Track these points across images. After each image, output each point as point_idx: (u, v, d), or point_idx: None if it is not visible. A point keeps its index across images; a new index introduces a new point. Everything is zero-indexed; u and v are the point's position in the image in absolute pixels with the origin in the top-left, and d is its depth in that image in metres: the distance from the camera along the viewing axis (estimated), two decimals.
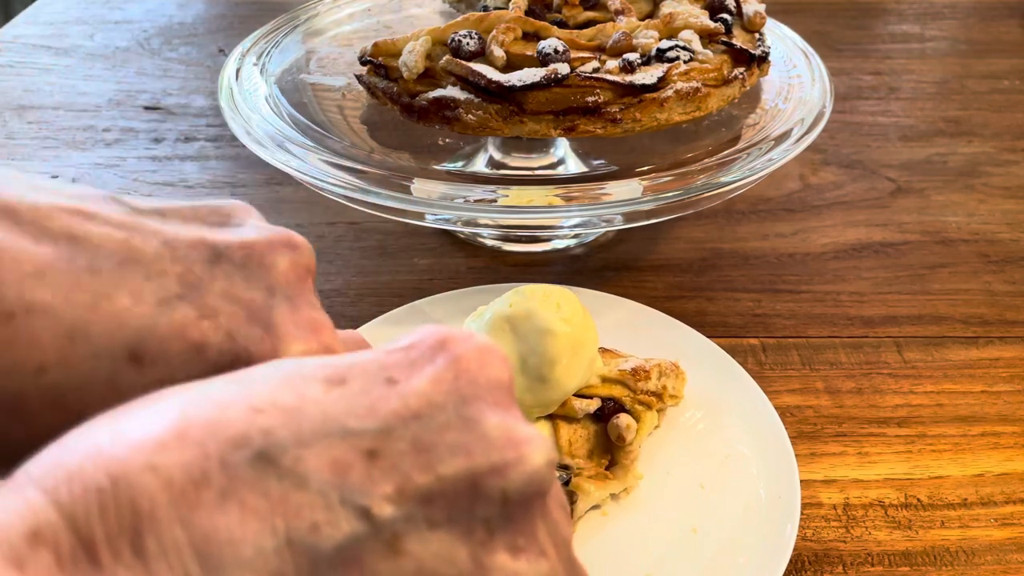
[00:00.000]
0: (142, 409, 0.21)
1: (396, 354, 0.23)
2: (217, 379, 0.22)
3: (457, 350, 0.23)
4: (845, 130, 0.82)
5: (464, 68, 0.53)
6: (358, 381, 0.22)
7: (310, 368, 0.22)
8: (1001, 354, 0.57)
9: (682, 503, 0.45)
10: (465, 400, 0.22)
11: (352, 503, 0.20)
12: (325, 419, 0.21)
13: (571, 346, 0.43)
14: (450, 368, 0.22)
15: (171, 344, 0.24)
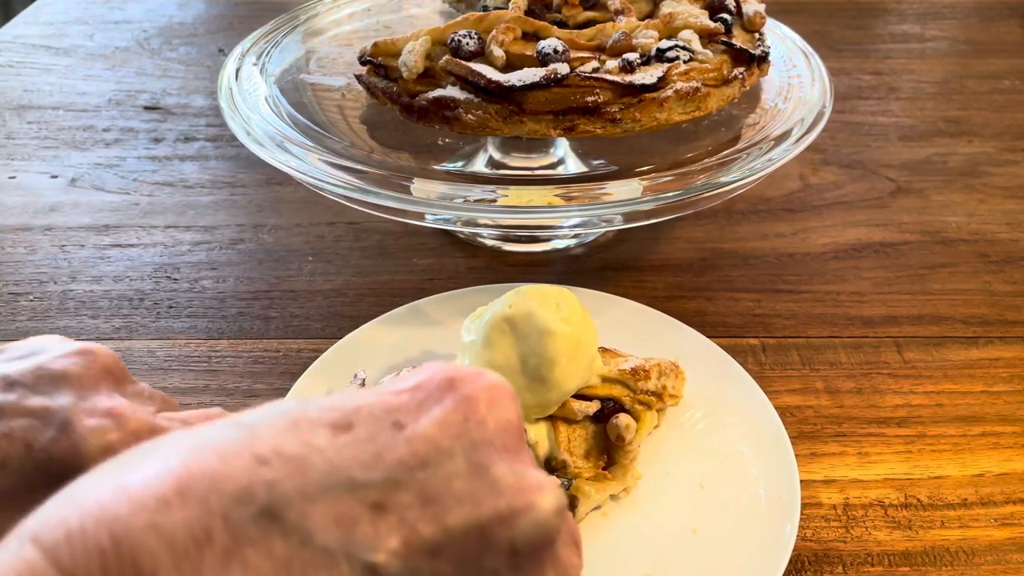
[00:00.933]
0: (145, 459, 0.20)
1: (403, 395, 0.23)
2: (222, 423, 0.22)
3: (466, 389, 0.23)
4: (845, 130, 0.82)
5: (464, 68, 0.53)
6: (364, 426, 0.22)
7: (316, 412, 0.22)
8: (1001, 354, 0.57)
9: (682, 503, 0.45)
10: (474, 445, 0.22)
11: (358, 559, 0.20)
12: (331, 470, 0.20)
13: (571, 346, 0.43)
14: (459, 409, 0.22)
15: None
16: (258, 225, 0.69)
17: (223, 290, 0.62)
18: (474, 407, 0.22)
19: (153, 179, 0.75)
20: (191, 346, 0.57)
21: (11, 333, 0.58)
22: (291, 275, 0.63)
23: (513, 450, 0.23)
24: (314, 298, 0.61)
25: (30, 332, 0.58)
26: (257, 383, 0.54)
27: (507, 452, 0.22)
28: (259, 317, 0.60)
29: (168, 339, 0.58)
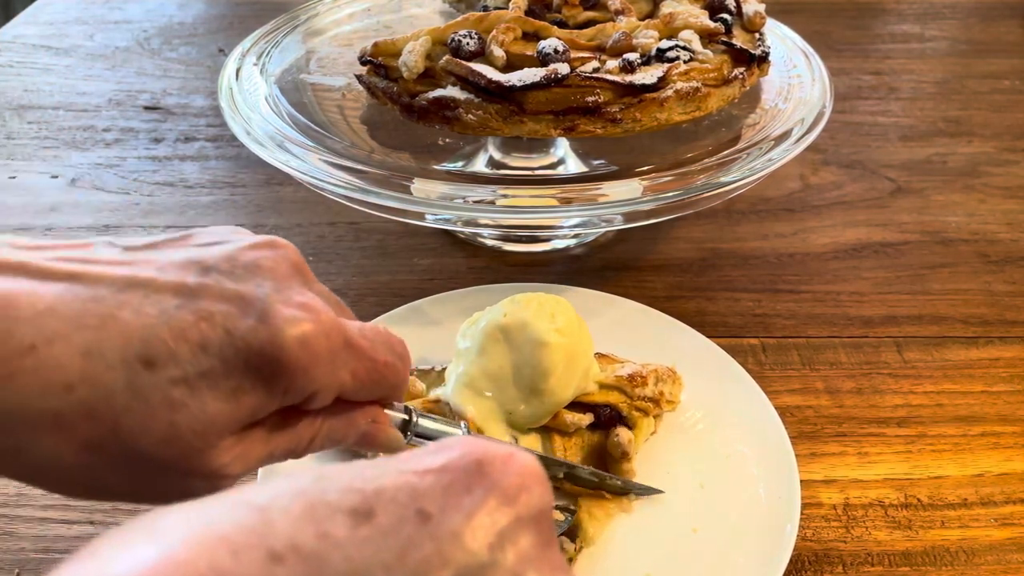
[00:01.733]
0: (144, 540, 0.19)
1: (428, 477, 0.22)
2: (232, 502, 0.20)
3: (496, 477, 0.22)
4: (845, 130, 0.82)
5: (464, 68, 0.53)
6: (387, 514, 0.20)
7: (335, 494, 0.21)
8: (1001, 354, 0.57)
9: (682, 503, 0.45)
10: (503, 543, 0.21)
11: None
12: (350, 570, 0.19)
13: (565, 357, 0.43)
14: (488, 503, 0.21)
15: (177, 346, 0.26)
16: (258, 225, 0.69)
17: None
18: (505, 500, 0.21)
19: (153, 179, 0.75)
20: None
21: None
22: None
23: (542, 543, 0.22)
24: None
25: None
26: None
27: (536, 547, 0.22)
28: None
29: None
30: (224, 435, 0.27)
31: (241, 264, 0.29)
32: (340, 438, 0.32)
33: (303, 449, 0.31)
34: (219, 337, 0.26)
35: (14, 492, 0.47)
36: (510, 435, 0.43)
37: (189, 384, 0.26)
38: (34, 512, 0.46)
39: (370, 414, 0.33)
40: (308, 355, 0.27)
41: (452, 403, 0.44)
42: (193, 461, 0.27)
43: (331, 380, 0.29)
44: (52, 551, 0.44)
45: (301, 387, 0.28)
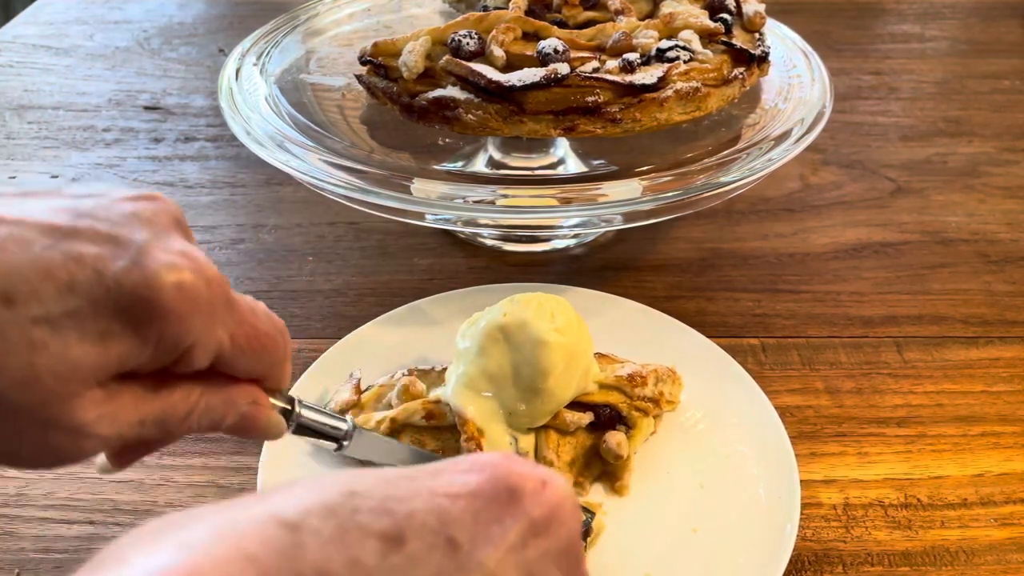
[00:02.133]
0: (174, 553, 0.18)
1: (460, 502, 0.21)
2: (262, 509, 0.20)
3: (528, 507, 0.21)
4: (845, 130, 0.82)
5: (464, 68, 0.53)
6: (418, 539, 0.20)
7: (367, 516, 0.20)
8: (1001, 354, 0.57)
9: (682, 503, 0.45)
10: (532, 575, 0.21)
11: None
12: None
13: (565, 357, 0.43)
14: (520, 535, 0.21)
15: (40, 285, 0.24)
16: (258, 225, 0.69)
17: None
18: (534, 531, 0.21)
19: (153, 179, 0.75)
20: None
21: None
22: (291, 275, 0.64)
23: (571, 571, 0.22)
24: (314, 298, 0.61)
25: None
26: None
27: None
28: None
29: None
30: (89, 384, 0.26)
31: (117, 212, 0.27)
32: (218, 417, 0.31)
33: (178, 422, 0.29)
34: (88, 278, 0.25)
35: (14, 492, 0.47)
36: (510, 435, 0.43)
37: (52, 324, 0.24)
38: (34, 512, 0.46)
39: (250, 394, 0.32)
40: (185, 302, 0.26)
41: (452, 403, 0.44)
42: (53, 410, 0.25)
43: (208, 336, 0.28)
44: (52, 551, 0.44)
45: (175, 337, 0.27)
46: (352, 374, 0.49)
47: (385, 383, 0.48)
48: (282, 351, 0.31)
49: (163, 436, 0.29)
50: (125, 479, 0.48)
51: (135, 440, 0.28)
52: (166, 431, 0.29)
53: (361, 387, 0.48)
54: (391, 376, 0.49)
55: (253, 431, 0.32)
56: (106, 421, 0.27)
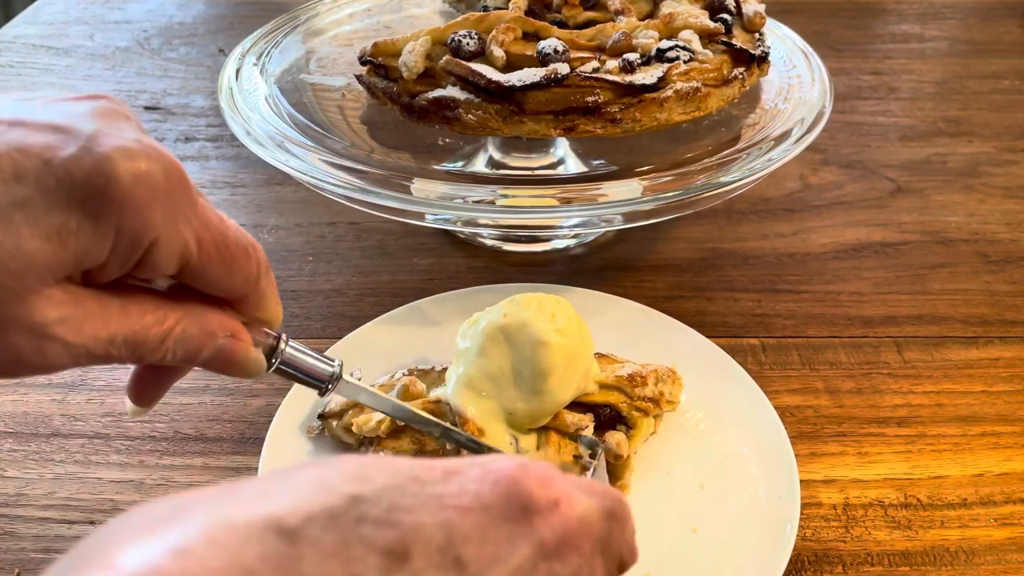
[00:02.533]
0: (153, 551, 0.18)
1: (470, 517, 0.20)
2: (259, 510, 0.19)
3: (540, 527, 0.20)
4: (845, 130, 0.82)
5: (464, 68, 0.53)
6: (422, 558, 0.19)
7: (371, 527, 0.19)
8: (1001, 354, 0.57)
9: (682, 503, 0.45)
10: None
11: None
12: None
13: (565, 358, 0.43)
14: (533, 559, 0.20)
15: None
16: (258, 225, 0.69)
17: None
18: (545, 555, 0.20)
19: None
20: None
21: None
22: (291, 275, 0.64)
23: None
24: (314, 298, 0.61)
25: None
26: (257, 383, 0.54)
27: None
28: None
29: None
30: (47, 281, 0.25)
31: (63, 107, 0.26)
32: (194, 348, 0.29)
33: (152, 347, 0.28)
34: (36, 167, 0.24)
35: (14, 492, 0.47)
36: (510, 435, 0.43)
37: (1, 217, 0.23)
38: (34, 512, 0.46)
39: (228, 325, 0.30)
40: (143, 191, 0.25)
41: (452, 403, 0.44)
42: (11, 307, 0.24)
43: (171, 231, 0.26)
44: (52, 551, 0.44)
45: (135, 229, 0.25)
46: (352, 374, 0.49)
47: (385, 383, 0.48)
48: (255, 268, 0.30)
49: (137, 359, 0.28)
50: (125, 479, 0.48)
51: (107, 359, 0.27)
52: (139, 355, 0.28)
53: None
54: (391, 376, 0.49)
55: (230, 367, 0.31)
56: (71, 326, 0.25)
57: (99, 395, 0.53)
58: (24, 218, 0.24)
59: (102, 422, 0.51)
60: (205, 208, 0.28)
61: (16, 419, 0.52)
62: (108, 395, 0.53)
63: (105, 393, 0.53)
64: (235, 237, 0.29)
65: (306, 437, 0.47)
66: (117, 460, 0.49)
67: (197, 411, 0.52)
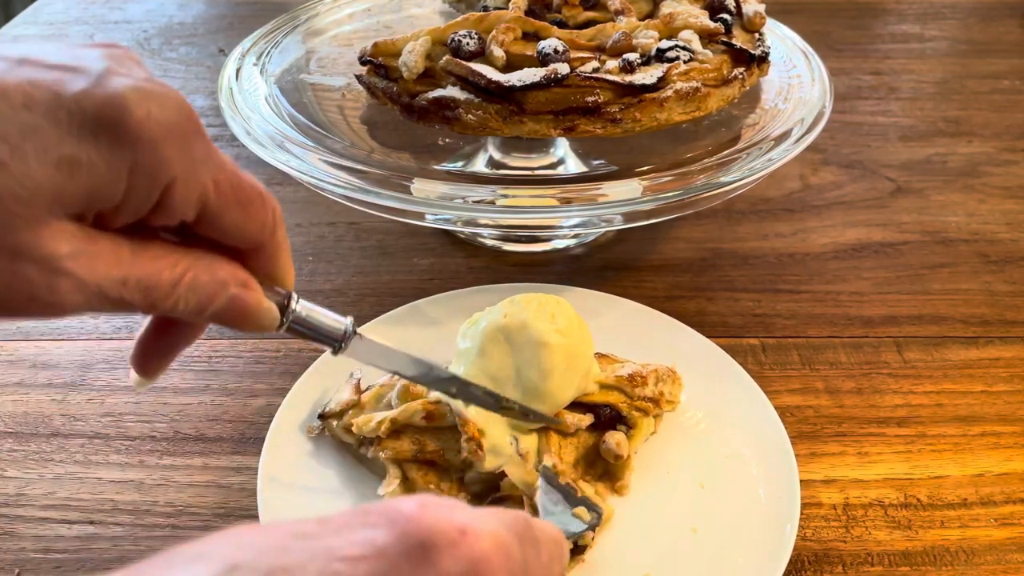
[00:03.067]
0: None
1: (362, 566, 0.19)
2: None
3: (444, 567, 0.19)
4: (845, 130, 0.82)
5: (464, 68, 0.53)
6: None
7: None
8: (1001, 354, 0.57)
9: (682, 503, 0.45)
10: None
11: None
12: None
13: (566, 358, 0.43)
14: None
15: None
16: None
17: None
18: None
19: None
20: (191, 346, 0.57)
21: (12, 332, 0.58)
22: None
23: None
24: (314, 298, 0.60)
25: (30, 332, 0.58)
26: (257, 383, 0.54)
27: None
28: None
29: None
30: (57, 213, 0.24)
31: (72, 50, 0.26)
32: (206, 297, 0.29)
33: (163, 292, 0.27)
34: (46, 98, 0.24)
35: (14, 492, 0.47)
36: (510, 435, 0.43)
37: (10, 144, 0.23)
38: (34, 512, 0.46)
39: (239, 275, 0.30)
40: (157, 126, 0.25)
41: (453, 404, 0.44)
42: (21, 235, 0.24)
43: (190, 172, 0.26)
44: (52, 551, 0.44)
45: (151, 166, 0.25)
46: (352, 374, 0.49)
47: (385, 383, 0.48)
48: (270, 213, 0.30)
49: (150, 306, 0.28)
50: (125, 479, 0.48)
51: (120, 303, 0.27)
52: (151, 300, 0.27)
53: (361, 387, 0.48)
54: (391, 376, 0.49)
55: (244, 318, 0.30)
56: (82, 262, 0.25)
57: (99, 395, 0.53)
58: (33, 147, 0.23)
59: (102, 422, 0.51)
60: (218, 151, 0.28)
61: (16, 419, 0.52)
62: (108, 395, 0.53)
63: (105, 393, 0.53)
64: (250, 182, 0.29)
65: (306, 437, 0.47)
66: (117, 460, 0.49)
67: (197, 411, 0.52)
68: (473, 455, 0.42)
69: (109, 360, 0.56)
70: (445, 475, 0.44)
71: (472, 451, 0.42)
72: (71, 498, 0.47)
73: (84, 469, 0.48)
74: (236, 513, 0.46)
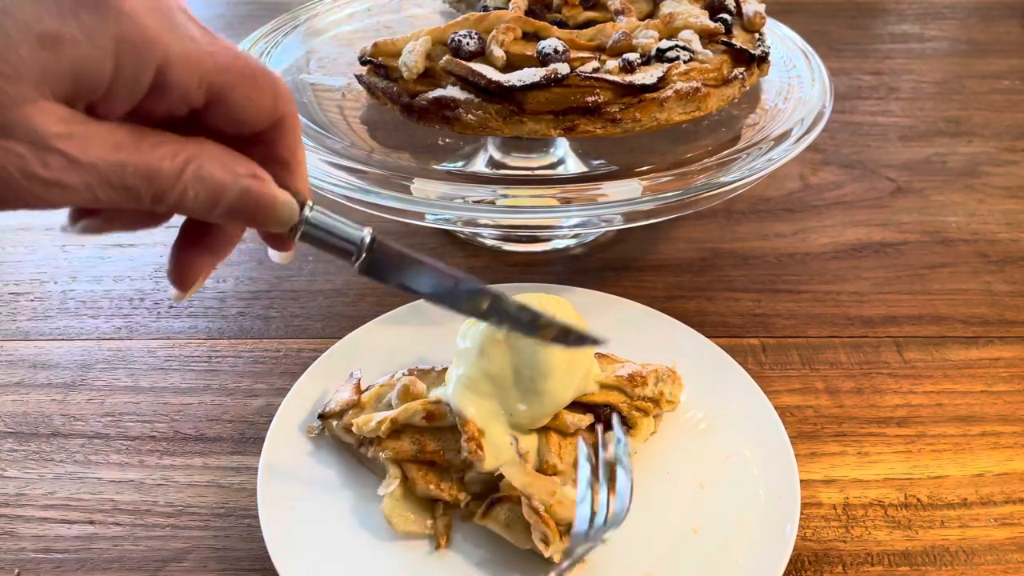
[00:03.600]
0: None
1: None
2: None
3: None
4: (845, 130, 0.82)
5: (464, 68, 0.53)
6: None
7: None
8: (1001, 354, 0.57)
9: (682, 503, 0.45)
10: None
11: None
12: None
13: (566, 358, 0.43)
14: None
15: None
16: None
17: (223, 290, 0.62)
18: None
19: None
20: (191, 346, 0.57)
21: (11, 332, 0.58)
22: (291, 275, 0.64)
23: None
24: (314, 298, 0.61)
25: (30, 332, 0.58)
26: (257, 383, 0.54)
27: None
28: (259, 317, 0.60)
29: (168, 339, 0.58)
30: (44, 93, 0.24)
31: None
32: (216, 188, 0.28)
33: (167, 181, 0.26)
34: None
35: (14, 492, 0.47)
36: (510, 435, 0.43)
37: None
38: (34, 512, 0.46)
39: (250, 166, 0.28)
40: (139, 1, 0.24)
41: (453, 404, 0.44)
42: (8, 113, 0.23)
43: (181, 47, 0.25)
44: (52, 551, 0.44)
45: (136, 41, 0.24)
46: (352, 374, 0.49)
47: (385, 383, 0.48)
48: (280, 84, 0.28)
49: (156, 197, 0.27)
50: (125, 479, 0.48)
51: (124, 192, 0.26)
52: (156, 190, 0.26)
53: (361, 387, 0.48)
54: (391, 376, 0.49)
55: (259, 212, 0.29)
56: (76, 142, 0.25)
57: (99, 395, 0.53)
58: (14, 23, 0.23)
59: (102, 422, 0.51)
60: (208, 30, 0.27)
61: (16, 419, 0.52)
62: (108, 395, 0.53)
63: (105, 393, 0.53)
64: (247, 54, 0.27)
65: (306, 437, 0.47)
66: (117, 460, 0.49)
67: (197, 411, 0.52)
68: (473, 455, 0.42)
69: (109, 360, 0.56)
70: (445, 475, 0.44)
71: (472, 451, 0.42)
72: (71, 498, 0.47)
73: (84, 469, 0.48)
74: (236, 513, 0.46)
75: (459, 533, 0.44)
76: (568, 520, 0.41)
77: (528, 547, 0.41)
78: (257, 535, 0.42)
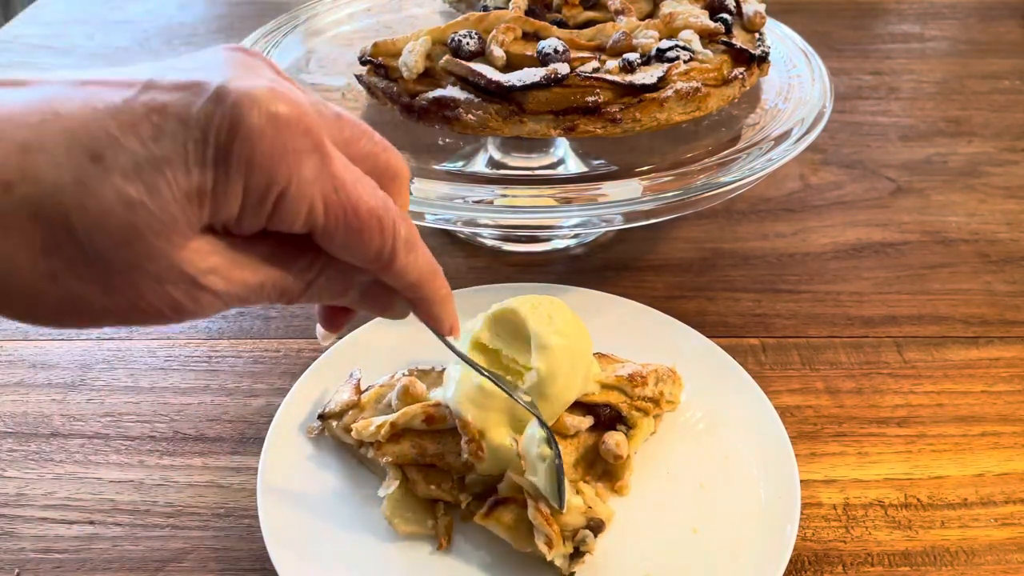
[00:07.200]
0: None
1: None
2: None
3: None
4: (845, 130, 0.82)
5: (464, 68, 0.53)
6: None
7: None
8: (1001, 354, 0.57)
9: (682, 503, 0.45)
10: None
11: None
12: None
13: (567, 358, 0.43)
14: None
15: (125, 139, 0.25)
16: None
17: None
18: None
19: None
20: (191, 346, 0.57)
21: (11, 332, 0.58)
22: None
23: None
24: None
25: (30, 332, 0.58)
26: (257, 383, 0.54)
27: None
28: (259, 317, 0.60)
29: (168, 339, 0.58)
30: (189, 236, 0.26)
31: (202, 57, 0.27)
32: (337, 291, 0.31)
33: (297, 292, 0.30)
34: (172, 128, 0.25)
35: (14, 492, 0.47)
36: (511, 437, 0.43)
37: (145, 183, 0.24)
38: (34, 512, 0.46)
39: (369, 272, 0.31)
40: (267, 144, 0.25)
41: (453, 406, 0.44)
42: (164, 262, 0.26)
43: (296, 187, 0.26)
44: (52, 551, 0.44)
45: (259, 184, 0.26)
46: (352, 374, 0.49)
47: (385, 383, 0.48)
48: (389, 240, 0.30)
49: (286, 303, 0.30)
50: (125, 479, 0.48)
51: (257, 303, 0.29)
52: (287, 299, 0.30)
53: (361, 387, 0.48)
54: (391, 376, 0.49)
55: (377, 307, 0.34)
56: (220, 275, 0.27)
57: (99, 395, 0.53)
58: (165, 182, 0.25)
59: (102, 422, 0.51)
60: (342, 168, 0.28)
61: (16, 419, 0.52)
62: (108, 395, 0.53)
63: (105, 393, 0.53)
64: (369, 205, 0.29)
65: (306, 437, 0.47)
66: (117, 460, 0.49)
67: (197, 411, 0.52)
68: (474, 457, 0.42)
69: (109, 360, 0.56)
70: (446, 477, 0.44)
71: (472, 453, 0.42)
72: (71, 498, 0.47)
73: (84, 469, 0.48)
74: (236, 513, 0.46)
75: (460, 534, 0.43)
76: (572, 524, 0.41)
77: (529, 550, 0.41)
78: (257, 535, 0.42)
